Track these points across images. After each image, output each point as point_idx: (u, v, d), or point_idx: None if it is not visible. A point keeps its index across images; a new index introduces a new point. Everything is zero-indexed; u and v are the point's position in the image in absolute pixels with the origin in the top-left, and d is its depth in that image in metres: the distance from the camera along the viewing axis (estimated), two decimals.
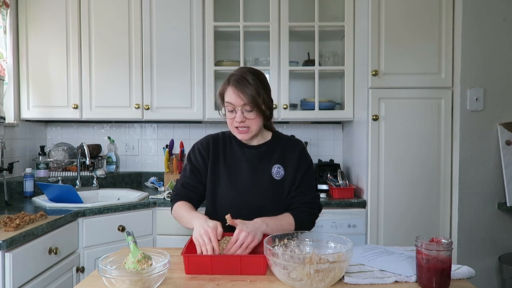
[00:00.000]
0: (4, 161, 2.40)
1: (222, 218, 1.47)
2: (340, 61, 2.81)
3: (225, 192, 1.51)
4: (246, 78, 1.40)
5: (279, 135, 1.60)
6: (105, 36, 2.67)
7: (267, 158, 1.52)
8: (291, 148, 1.55)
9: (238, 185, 1.50)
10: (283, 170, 1.51)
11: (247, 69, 1.48)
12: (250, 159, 1.52)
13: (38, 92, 2.68)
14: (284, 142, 1.56)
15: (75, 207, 2.16)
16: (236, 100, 1.40)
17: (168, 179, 2.77)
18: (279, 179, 1.51)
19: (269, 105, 1.47)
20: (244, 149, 1.53)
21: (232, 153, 1.54)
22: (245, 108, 1.40)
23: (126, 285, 1.02)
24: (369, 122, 2.34)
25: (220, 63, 2.77)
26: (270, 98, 1.49)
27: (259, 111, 1.41)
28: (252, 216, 1.36)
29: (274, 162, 1.52)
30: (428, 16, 2.32)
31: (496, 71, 2.27)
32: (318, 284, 1.04)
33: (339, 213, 2.37)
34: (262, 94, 1.41)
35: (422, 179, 2.34)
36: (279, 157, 1.52)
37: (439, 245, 1.06)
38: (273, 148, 1.54)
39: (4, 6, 2.58)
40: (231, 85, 1.41)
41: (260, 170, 1.51)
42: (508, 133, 2.27)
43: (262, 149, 1.53)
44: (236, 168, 1.52)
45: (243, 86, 1.39)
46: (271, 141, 1.55)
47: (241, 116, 1.41)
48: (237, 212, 1.44)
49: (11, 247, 1.58)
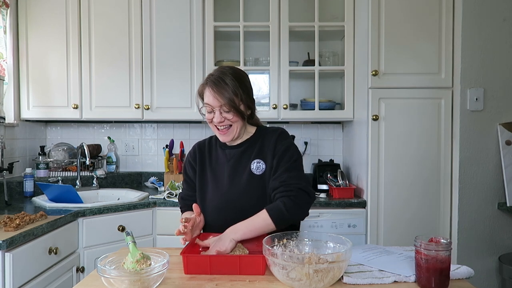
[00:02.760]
0: (4, 161, 2.40)
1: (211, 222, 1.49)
2: (340, 61, 2.81)
3: (210, 198, 1.49)
4: (223, 79, 1.39)
5: (261, 129, 1.53)
6: (105, 36, 2.67)
7: (247, 155, 1.47)
8: (269, 137, 1.46)
9: (221, 188, 1.47)
10: (264, 164, 1.44)
11: (227, 69, 1.44)
12: (230, 160, 1.49)
13: (38, 92, 2.68)
14: (263, 134, 1.49)
15: (75, 207, 2.16)
16: (213, 101, 1.39)
17: (168, 179, 2.77)
18: (260, 174, 1.43)
19: (249, 105, 1.45)
20: (225, 151, 1.51)
21: (216, 157, 1.53)
22: (222, 109, 1.39)
23: (125, 285, 1.02)
24: (369, 122, 2.34)
25: (220, 63, 2.77)
26: (250, 98, 1.46)
27: (236, 112, 1.40)
28: (238, 217, 1.34)
29: (254, 157, 1.45)
30: (428, 16, 2.32)
31: (496, 71, 2.27)
32: (317, 284, 1.04)
33: (339, 213, 2.37)
34: (240, 94, 1.39)
35: (422, 179, 2.34)
36: (258, 151, 1.46)
37: (438, 245, 1.05)
38: (253, 144, 1.48)
39: (4, 6, 2.59)
40: (208, 86, 1.40)
41: (241, 168, 1.46)
42: (508, 133, 2.27)
43: (243, 147, 1.49)
44: (219, 172, 1.50)
45: (220, 87, 1.38)
46: (252, 137, 1.50)
47: (219, 117, 1.40)
48: (223, 215, 1.44)
49: (11, 247, 1.59)
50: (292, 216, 1.32)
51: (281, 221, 1.30)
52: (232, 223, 1.32)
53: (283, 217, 1.30)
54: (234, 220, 1.33)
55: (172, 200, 2.40)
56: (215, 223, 1.47)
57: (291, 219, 1.32)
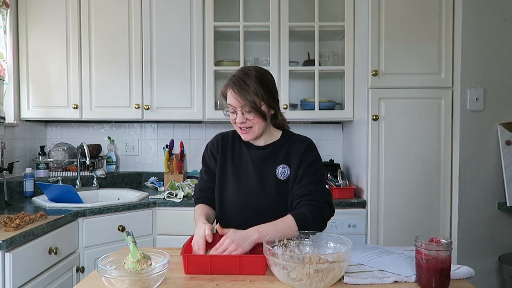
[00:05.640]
0: (4, 161, 2.40)
1: (227, 218, 1.49)
2: (340, 61, 2.81)
3: (231, 194, 1.49)
4: (245, 80, 1.39)
5: (288, 134, 1.54)
6: (105, 36, 2.67)
7: (272, 158, 1.48)
8: (297, 145, 1.48)
9: (244, 187, 1.48)
10: (289, 169, 1.46)
11: (250, 69, 1.45)
12: (256, 160, 1.49)
13: (38, 92, 2.68)
14: (291, 141, 1.50)
15: (75, 207, 2.16)
16: (235, 102, 1.40)
17: (168, 179, 2.77)
18: (284, 179, 1.45)
19: (272, 105, 1.46)
20: (251, 150, 1.51)
21: (240, 153, 1.53)
22: (244, 109, 1.40)
23: (125, 285, 1.02)
24: (369, 122, 2.34)
25: (220, 63, 2.77)
26: (274, 98, 1.46)
27: (258, 113, 1.40)
28: (256, 218, 1.35)
29: (280, 162, 1.47)
30: (428, 16, 2.32)
31: (496, 71, 2.27)
32: (317, 284, 1.04)
33: (339, 213, 2.35)
34: (261, 95, 1.39)
35: (422, 179, 2.34)
36: (284, 157, 1.47)
37: (438, 245, 1.06)
38: (279, 148, 1.49)
39: (4, 6, 2.58)
40: (230, 87, 1.41)
41: (265, 171, 1.47)
42: (508, 133, 2.27)
43: (268, 150, 1.50)
44: (242, 170, 1.50)
45: (240, 88, 1.38)
46: (278, 141, 1.51)
47: (242, 117, 1.41)
48: (242, 214, 1.45)
49: (11, 247, 1.59)
50: (316, 226, 1.33)
51: (305, 229, 1.31)
52: (247, 221, 1.32)
53: (308, 226, 1.31)
54: (250, 219, 1.34)
55: (172, 200, 2.40)
56: (231, 219, 1.48)
57: (313, 228, 1.31)
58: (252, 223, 1.32)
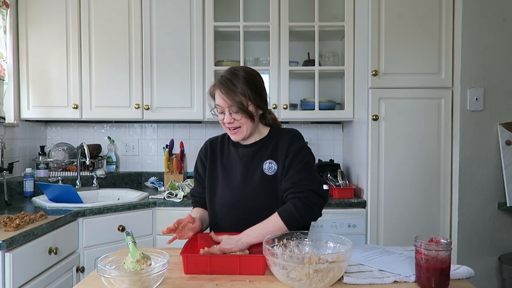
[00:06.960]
0: (4, 161, 2.40)
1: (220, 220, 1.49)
2: (340, 61, 2.81)
3: (220, 194, 1.50)
4: (232, 81, 1.39)
5: (275, 130, 1.52)
6: (105, 36, 2.67)
7: (259, 155, 1.47)
8: (283, 138, 1.46)
9: (232, 186, 1.48)
10: (276, 165, 1.44)
11: (238, 69, 1.44)
12: (243, 158, 1.49)
13: (38, 92, 2.68)
14: (278, 136, 1.48)
15: (75, 207, 2.16)
16: (222, 102, 1.40)
17: (168, 179, 2.77)
18: (272, 174, 1.43)
19: (260, 106, 1.45)
20: (238, 149, 1.51)
21: (228, 154, 1.54)
22: (231, 110, 1.40)
23: (125, 285, 1.02)
24: (369, 122, 2.34)
25: (220, 63, 2.77)
26: (262, 99, 1.45)
27: (245, 113, 1.40)
28: (248, 216, 1.36)
29: (266, 157, 1.46)
30: (428, 16, 2.32)
31: (496, 71, 2.27)
32: (317, 284, 1.04)
33: (339, 213, 2.37)
34: (248, 95, 1.39)
35: (422, 179, 2.34)
36: (271, 152, 1.46)
37: (438, 245, 1.06)
38: (266, 144, 1.48)
39: (4, 6, 2.58)
40: (217, 88, 1.41)
41: (253, 168, 1.46)
42: (508, 133, 2.27)
43: (255, 147, 1.49)
44: (231, 169, 1.50)
45: (228, 89, 1.38)
46: (265, 138, 1.50)
47: (229, 118, 1.41)
48: (235, 214, 1.45)
49: (11, 247, 1.59)
50: (303, 217, 1.33)
51: (293, 223, 1.32)
52: (241, 221, 1.34)
53: (295, 219, 1.32)
54: (243, 219, 1.35)
55: (172, 200, 2.40)
56: (224, 221, 1.48)
57: (303, 220, 1.32)
58: (247, 224, 1.33)
